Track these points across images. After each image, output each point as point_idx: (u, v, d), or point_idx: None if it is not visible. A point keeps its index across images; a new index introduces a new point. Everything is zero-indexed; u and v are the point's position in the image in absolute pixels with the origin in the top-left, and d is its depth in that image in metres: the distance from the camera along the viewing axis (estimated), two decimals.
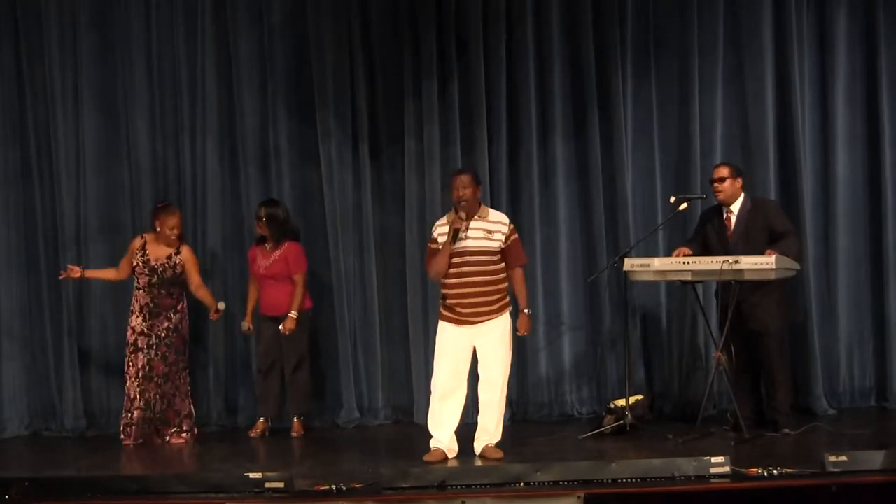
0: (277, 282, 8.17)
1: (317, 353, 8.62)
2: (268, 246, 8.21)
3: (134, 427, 7.97)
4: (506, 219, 7.03)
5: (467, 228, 6.86)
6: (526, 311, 7.02)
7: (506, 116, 8.61)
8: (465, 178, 6.95)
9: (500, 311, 6.92)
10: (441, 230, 6.97)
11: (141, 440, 7.99)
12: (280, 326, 8.08)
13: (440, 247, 6.89)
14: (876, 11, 8.51)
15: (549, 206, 8.68)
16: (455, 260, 6.87)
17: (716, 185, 7.58)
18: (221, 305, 8.18)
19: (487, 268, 6.89)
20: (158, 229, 8.04)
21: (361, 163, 8.68)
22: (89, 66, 8.64)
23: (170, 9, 8.69)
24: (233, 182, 8.72)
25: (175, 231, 8.07)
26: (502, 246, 6.92)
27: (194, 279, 8.12)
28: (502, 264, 6.95)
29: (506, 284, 6.98)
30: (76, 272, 8.05)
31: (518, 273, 7.02)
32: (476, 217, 6.92)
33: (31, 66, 8.61)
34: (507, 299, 6.99)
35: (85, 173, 8.62)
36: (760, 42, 8.52)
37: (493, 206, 8.43)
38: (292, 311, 8.09)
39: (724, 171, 7.58)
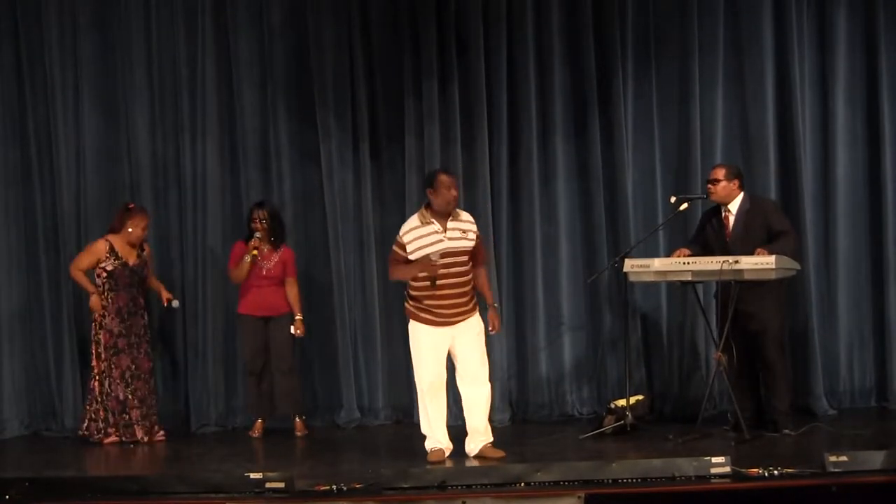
0: (273, 284, 8.19)
1: (317, 354, 8.63)
2: (265, 248, 8.20)
3: (136, 426, 7.99)
4: (472, 217, 7.04)
5: None
6: (495, 304, 7.12)
7: (506, 116, 8.61)
8: (454, 179, 7.00)
9: (474, 308, 6.96)
10: (415, 234, 6.82)
11: (146, 438, 8.01)
12: (296, 331, 8.12)
13: (404, 254, 6.81)
14: (876, 11, 8.50)
15: (549, 205, 8.67)
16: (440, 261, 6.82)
17: (709, 186, 7.59)
18: (176, 303, 8.26)
19: (464, 268, 6.89)
20: (130, 230, 8.04)
21: (361, 162, 8.68)
22: (89, 66, 8.64)
23: (170, 9, 8.69)
24: (233, 182, 8.72)
25: (146, 232, 8.13)
26: (474, 245, 6.94)
27: (151, 271, 8.24)
28: (471, 263, 6.95)
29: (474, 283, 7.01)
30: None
31: (483, 270, 7.07)
32: (451, 218, 6.90)
33: (31, 66, 8.61)
34: (476, 296, 7.03)
35: (85, 173, 8.63)
36: (760, 42, 8.51)
37: (493, 206, 8.51)
38: (299, 315, 8.15)
39: (719, 173, 7.57)
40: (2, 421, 8.53)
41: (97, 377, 8.01)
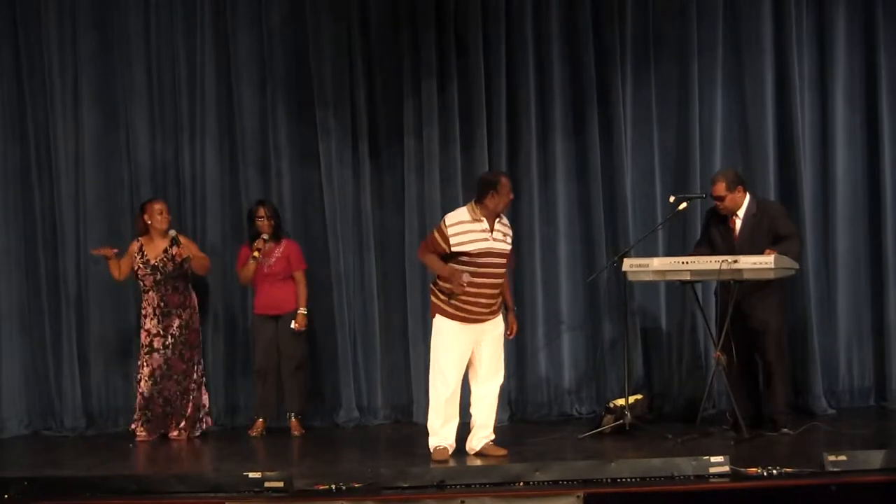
0: (278, 280, 8.19)
1: (317, 353, 8.63)
2: (267, 246, 8.21)
3: (152, 424, 8.06)
4: (508, 223, 7.13)
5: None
6: (514, 309, 7.26)
7: (506, 116, 8.61)
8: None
9: (500, 309, 7.04)
10: (462, 228, 6.83)
11: (156, 436, 8.07)
12: (293, 325, 8.12)
13: (449, 247, 6.82)
14: (875, 11, 8.50)
15: (549, 206, 8.68)
16: (482, 260, 6.87)
17: (717, 204, 7.54)
18: (173, 232, 8.16)
19: (501, 269, 6.98)
20: (149, 221, 8.12)
21: (361, 162, 8.69)
22: (89, 66, 8.65)
23: (170, 9, 8.70)
24: (233, 182, 8.73)
25: (165, 215, 8.14)
26: (510, 249, 7.05)
27: (197, 254, 8.18)
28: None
29: None
30: (109, 252, 8.06)
31: (507, 275, 7.14)
32: (497, 220, 6.97)
33: (31, 66, 8.62)
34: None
35: (85, 173, 8.63)
36: (760, 42, 8.51)
37: None
38: (302, 308, 8.15)
39: (720, 189, 7.46)
40: (2, 420, 8.53)
41: (139, 376, 8.15)
